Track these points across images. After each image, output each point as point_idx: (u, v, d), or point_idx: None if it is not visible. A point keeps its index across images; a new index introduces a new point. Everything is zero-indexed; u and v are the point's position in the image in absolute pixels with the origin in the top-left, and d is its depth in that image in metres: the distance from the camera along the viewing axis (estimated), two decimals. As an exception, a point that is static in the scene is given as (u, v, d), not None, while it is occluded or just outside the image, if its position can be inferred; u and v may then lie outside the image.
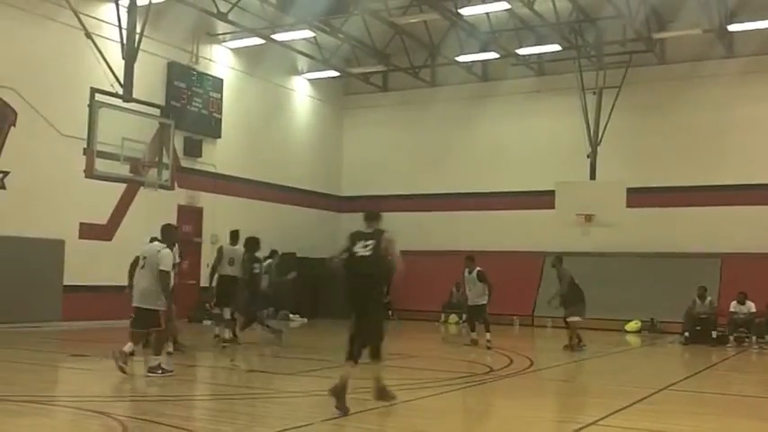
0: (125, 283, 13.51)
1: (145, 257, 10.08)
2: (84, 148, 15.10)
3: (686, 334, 17.50)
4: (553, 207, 20.44)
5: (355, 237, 8.15)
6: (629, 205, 19.78)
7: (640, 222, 20.91)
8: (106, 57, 15.22)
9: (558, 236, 21.46)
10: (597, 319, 20.78)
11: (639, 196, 20.61)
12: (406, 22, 21.03)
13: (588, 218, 19.89)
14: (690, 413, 8.74)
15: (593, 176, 20.89)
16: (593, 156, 20.94)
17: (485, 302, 15.49)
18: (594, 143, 21.03)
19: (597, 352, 15.54)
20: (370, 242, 8.02)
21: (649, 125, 22.27)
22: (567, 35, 21.07)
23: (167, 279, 9.98)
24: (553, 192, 20.47)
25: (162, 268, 9.86)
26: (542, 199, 21.43)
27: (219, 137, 21.36)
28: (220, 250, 14.37)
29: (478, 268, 15.71)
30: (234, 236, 14.53)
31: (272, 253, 16.78)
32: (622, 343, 18.37)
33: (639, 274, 21.25)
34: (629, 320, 20.64)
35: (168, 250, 10.17)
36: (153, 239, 10.86)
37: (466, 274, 15.82)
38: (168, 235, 10.44)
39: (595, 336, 19.03)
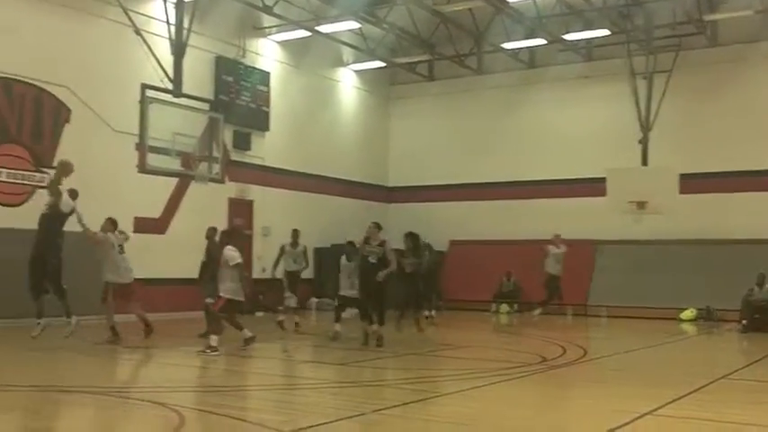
0: (179, 275, 13.86)
1: None
2: (137, 144, 15.35)
3: (744, 322, 17.13)
4: (604, 194, 20.17)
5: None
6: (682, 191, 19.42)
7: (694, 208, 20.52)
8: (155, 53, 15.43)
9: (609, 223, 21.20)
10: (651, 307, 20.55)
11: (693, 182, 20.21)
12: (450, 10, 20.92)
13: (640, 205, 19.58)
14: (748, 403, 8.55)
15: (644, 163, 20.55)
16: (644, 141, 20.59)
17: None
18: (646, 129, 20.68)
19: (651, 341, 15.31)
20: None
21: (702, 109, 21.81)
22: (616, 19, 20.73)
23: None
24: (604, 179, 20.20)
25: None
26: (593, 186, 21.15)
27: (268, 129, 21.53)
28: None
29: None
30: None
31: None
32: (677, 332, 18.06)
33: (694, 261, 20.87)
34: (684, 309, 20.29)
35: None
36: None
37: (343, 260, 13.95)
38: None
39: (650, 325, 18.79)
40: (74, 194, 12.46)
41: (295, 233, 15.89)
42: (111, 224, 12.85)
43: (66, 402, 7.97)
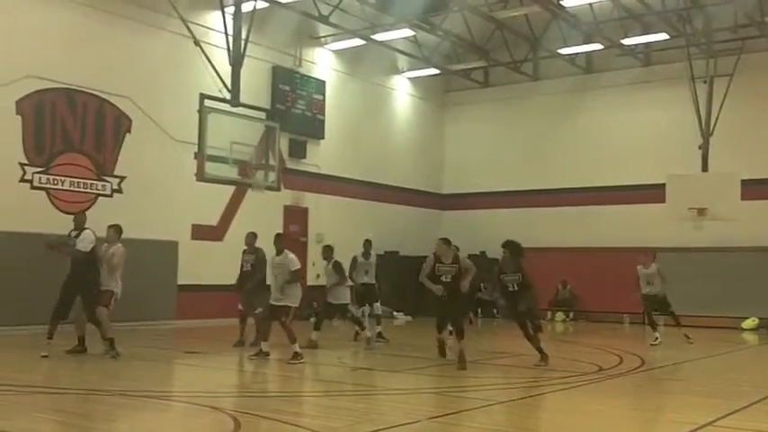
0: (235, 282, 13.99)
1: None
2: (195, 153, 15.66)
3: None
4: (663, 201, 19.82)
5: None
6: (743, 197, 18.98)
7: (756, 215, 20.02)
8: (214, 63, 15.73)
9: (669, 231, 20.80)
10: (712, 316, 20.10)
11: (755, 188, 19.75)
12: (506, 16, 20.79)
13: (701, 211, 19.20)
14: (814, 415, 8.31)
15: (705, 168, 20.14)
16: (704, 147, 20.19)
17: (347, 302, 14.18)
18: (706, 134, 20.27)
19: (711, 351, 14.98)
20: None
21: (764, 114, 21.25)
22: (675, 23, 20.37)
23: None
24: (663, 185, 19.85)
25: None
26: (652, 193, 20.82)
27: (323, 138, 21.71)
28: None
29: (335, 259, 14.18)
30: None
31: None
32: (739, 341, 17.64)
33: (756, 269, 20.36)
34: (746, 318, 19.81)
35: None
36: None
37: (325, 265, 14.24)
38: None
39: (710, 334, 18.37)
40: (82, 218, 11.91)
41: (367, 244, 15.35)
42: (117, 232, 12.02)
43: (121, 406, 8.14)
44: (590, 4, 20.13)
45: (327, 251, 14.37)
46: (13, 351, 12.19)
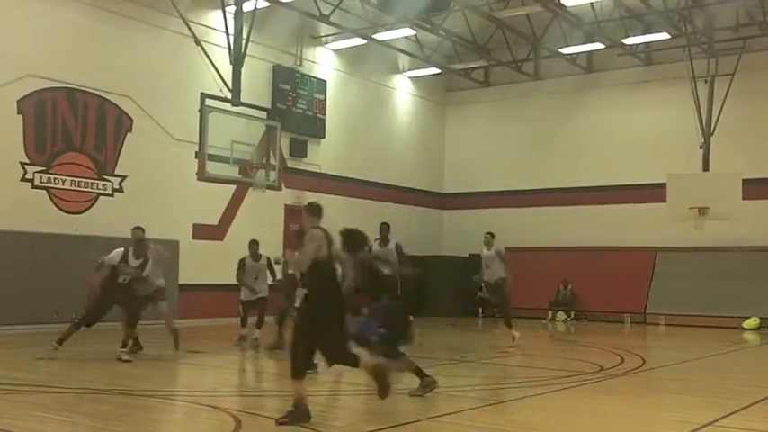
0: (235, 281, 13.94)
1: None
2: (196, 152, 15.67)
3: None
4: (664, 200, 19.84)
5: None
6: (745, 197, 19.00)
7: (758, 215, 20.06)
8: (215, 62, 15.73)
9: (669, 230, 20.81)
10: (713, 316, 20.10)
11: (757, 187, 19.77)
12: (507, 16, 20.79)
13: (702, 211, 19.21)
14: (815, 415, 8.30)
15: (706, 168, 20.14)
16: (705, 146, 20.19)
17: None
18: (707, 133, 20.26)
19: (713, 350, 14.97)
20: None
21: (766, 113, 21.28)
22: (676, 22, 20.37)
23: None
24: (664, 185, 19.86)
25: None
26: (652, 192, 20.82)
27: (324, 137, 21.71)
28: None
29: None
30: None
31: None
32: (740, 341, 17.63)
33: (757, 268, 20.37)
34: (747, 317, 19.81)
35: None
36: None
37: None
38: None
39: (711, 333, 18.37)
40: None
41: (385, 227, 12.70)
42: (143, 232, 12.03)
43: (124, 405, 8.14)
44: (591, 4, 20.14)
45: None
46: (15, 350, 12.19)
